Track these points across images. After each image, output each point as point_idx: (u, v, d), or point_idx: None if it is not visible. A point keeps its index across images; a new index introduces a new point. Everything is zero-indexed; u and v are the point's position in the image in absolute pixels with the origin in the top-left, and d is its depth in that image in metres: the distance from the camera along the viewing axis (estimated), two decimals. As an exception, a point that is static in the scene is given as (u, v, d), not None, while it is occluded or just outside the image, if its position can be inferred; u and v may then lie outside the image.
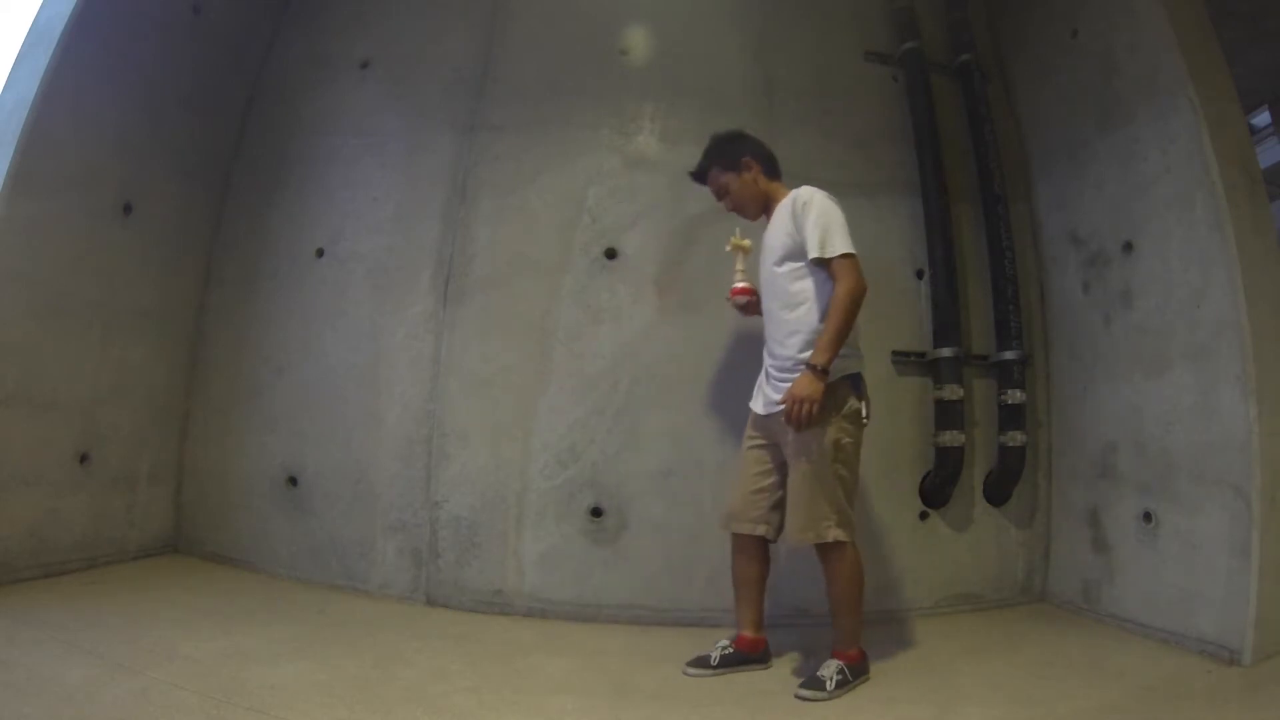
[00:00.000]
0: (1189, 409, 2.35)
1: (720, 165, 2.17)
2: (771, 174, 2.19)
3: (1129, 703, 1.85)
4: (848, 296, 1.91)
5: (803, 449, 1.93)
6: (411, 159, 2.94)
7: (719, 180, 2.18)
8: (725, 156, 2.16)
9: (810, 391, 1.87)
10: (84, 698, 1.57)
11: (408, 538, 2.64)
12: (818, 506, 1.91)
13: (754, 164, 2.15)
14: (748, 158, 2.15)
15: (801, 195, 2.03)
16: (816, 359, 1.88)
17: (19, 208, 2.42)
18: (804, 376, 1.89)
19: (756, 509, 2.06)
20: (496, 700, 1.75)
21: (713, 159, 2.19)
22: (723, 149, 2.18)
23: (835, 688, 1.84)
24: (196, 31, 3.06)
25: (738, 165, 2.15)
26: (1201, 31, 2.52)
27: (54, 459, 2.56)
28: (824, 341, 1.89)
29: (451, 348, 2.72)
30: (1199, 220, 2.34)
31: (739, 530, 2.09)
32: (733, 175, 2.15)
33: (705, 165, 2.20)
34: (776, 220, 2.11)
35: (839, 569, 1.95)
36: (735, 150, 2.17)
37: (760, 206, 2.19)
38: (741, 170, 2.15)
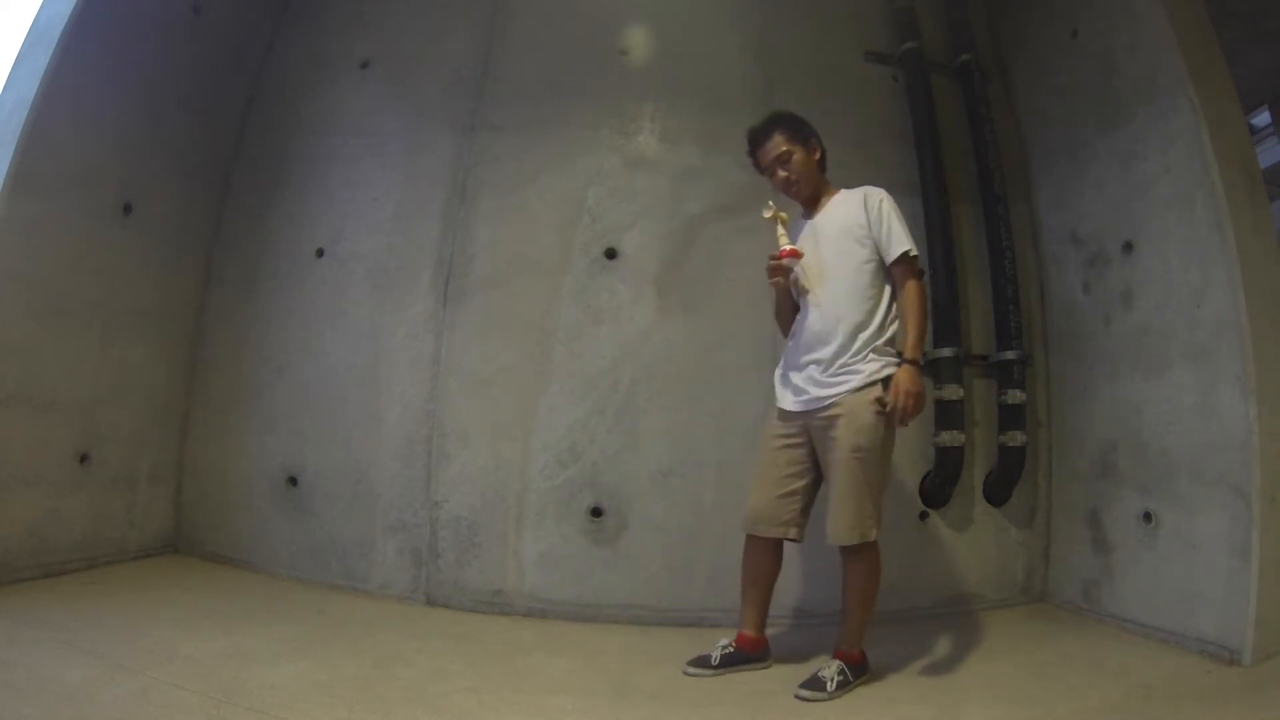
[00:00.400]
0: (1189, 409, 2.35)
1: (789, 133, 2.10)
2: (824, 167, 2.18)
3: (1129, 703, 1.85)
4: (921, 293, 1.98)
5: (854, 447, 1.90)
6: (411, 159, 2.94)
7: (782, 147, 2.08)
8: (796, 128, 2.11)
9: (919, 386, 1.90)
10: (84, 698, 1.57)
11: (408, 538, 2.64)
12: (865, 505, 1.91)
13: (819, 149, 2.14)
14: (816, 141, 2.13)
15: (874, 193, 2.05)
16: (913, 354, 1.92)
17: (19, 208, 2.42)
18: (906, 371, 1.90)
19: (787, 511, 2.02)
20: (496, 700, 1.75)
21: (783, 124, 2.11)
22: (793, 120, 2.13)
23: (836, 688, 1.84)
24: (196, 31, 3.06)
25: (808, 141, 2.11)
26: (1201, 31, 2.52)
27: (54, 459, 2.56)
28: (914, 338, 1.93)
29: (451, 348, 2.72)
30: (1199, 220, 2.34)
31: (766, 534, 2.04)
32: (800, 147, 2.09)
33: (771, 127, 2.11)
34: (842, 211, 2.07)
35: (866, 568, 1.96)
36: (807, 128, 2.13)
37: (813, 187, 2.13)
38: (807, 148, 2.11)
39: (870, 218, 2.01)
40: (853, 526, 1.91)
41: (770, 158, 2.11)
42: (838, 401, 1.93)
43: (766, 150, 2.11)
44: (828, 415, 1.94)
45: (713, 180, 2.80)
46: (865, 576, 1.97)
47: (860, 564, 1.96)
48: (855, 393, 1.92)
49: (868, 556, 1.96)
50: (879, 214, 2.01)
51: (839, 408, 1.93)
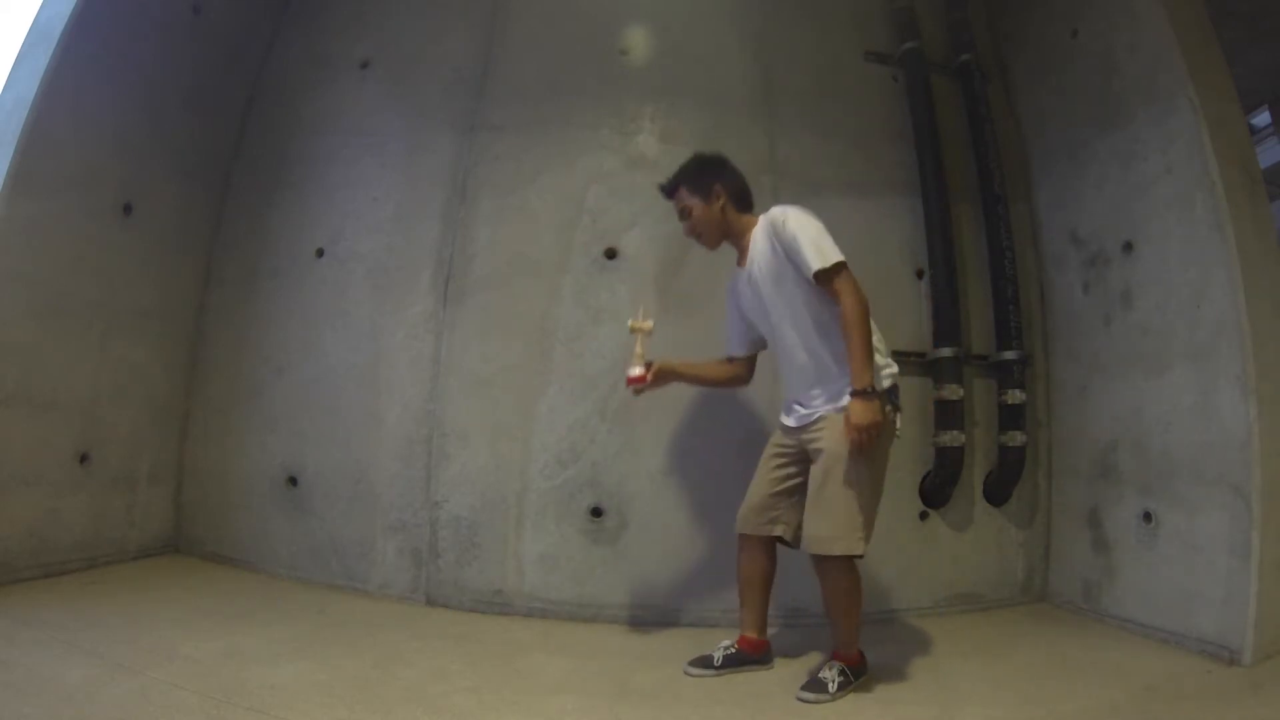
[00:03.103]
0: (1189, 409, 2.35)
1: (689, 187, 2.09)
2: (742, 207, 2.11)
3: (1129, 703, 1.84)
4: (857, 309, 1.85)
5: (838, 460, 1.86)
6: (411, 159, 2.94)
7: (684, 201, 2.10)
8: (696, 180, 2.09)
9: (871, 417, 1.82)
10: (84, 698, 1.57)
11: (408, 538, 2.64)
12: (842, 516, 1.85)
13: (723, 194, 2.07)
14: (718, 186, 2.07)
15: (775, 218, 1.97)
16: (859, 382, 1.83)
17: (19, 208, 2.42)
18: (857, 403, 1.82)
19: (774, 510, 2.03)
20: (496, 700, 1.75)
21: (683, 179, 2.11)
22: (695, 172, 2.10)
23: (837, 690, 1.84)
24: (196, 31, 3.06)
25: (707, 192, 2.07)
26: (1201, 31, 2.53)
27: (54, 459, 2.56)
28: (857, 363, 1.83)
29: (451, 348, 2.72)
30: (1199, 220, 2.34)
31: (753, 532, 2.05)
32: (699, 201, 2.07)
33: (675, 183, 2.12)
34: (761, 252, 2.01)
35: (844, 582, 1.90)
36: (707, 176, 2.08)
37: (719, 238, 2.12)
38: (710, 198, 2.07)
39: (783, 246, 1.94)
40: (828, 537, 1.84)
41: (677, 212, 2.14)
42: (825, 415, 1.93)
43: (675, 206, 2.14)
44: (815, 429, 1.95)
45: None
46: (842, 590, 1.90)
47: (836, 577, 1.89)
48: (839, 407, 1.91)
49: (844, 571, 1.87)
50: (786, 239, 1.92)
51: (824, 420, 1.93)
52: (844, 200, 2.90)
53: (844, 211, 2.87)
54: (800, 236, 1.90)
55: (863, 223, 2.90)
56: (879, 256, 2.89)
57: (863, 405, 1.82)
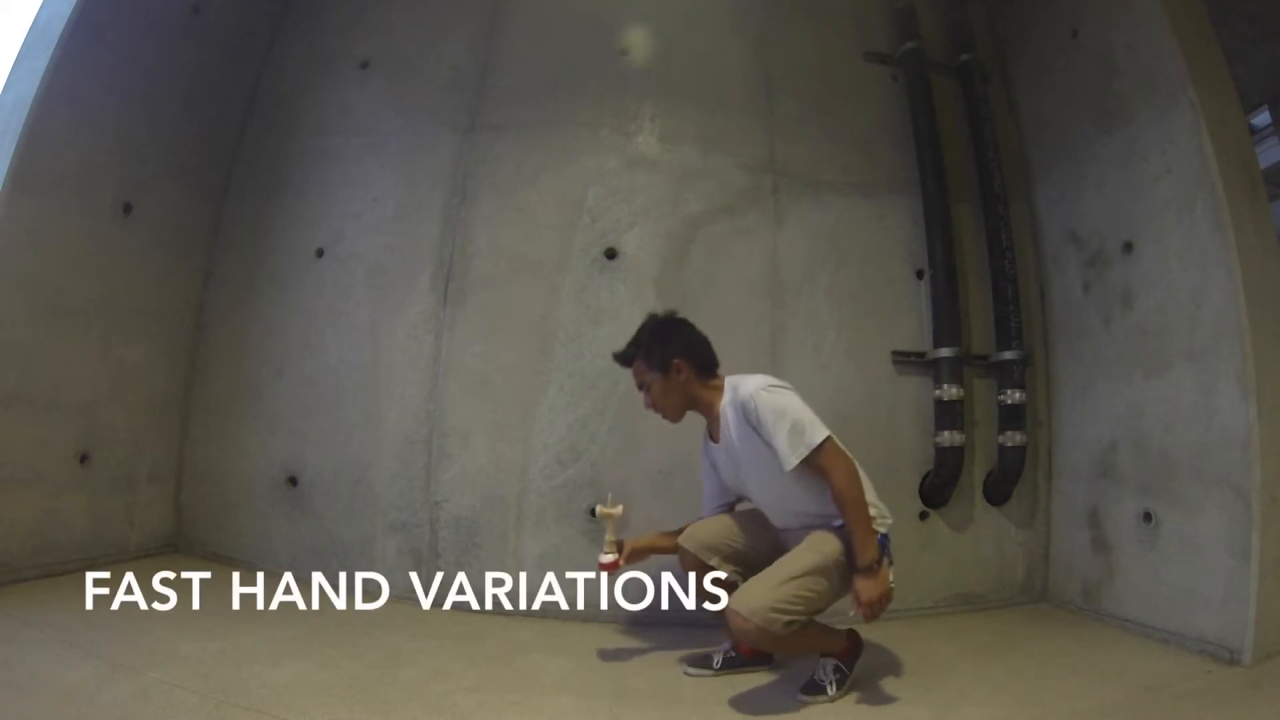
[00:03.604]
0: (1189, 409, 2.35)
1: (646, 360, 1.99)
2: (705, 372, 2.01)
3: (1129, 703, 1.84)
4: (849, 490, 1.79)
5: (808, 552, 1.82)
6: (411, 159, 2.94)
7: (643, 375, 2.01)
8: (653, 353, 1.98)
9: (880, 591, 1.76)
10: (84, 698, 1.57)
11: (408, 538, 2.64)
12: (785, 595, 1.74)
13: (684, 366, 1.96)
14: (678, 360, 1.96)
15: (745, 401, 1.87)
16: (864, 560, 1.76)
17: (19, 208, 2.42)
18: (864, 581, 1.76)
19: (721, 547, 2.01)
20: (497, 700, 1.75)
21: (641, 350, 2.00)
22: (651, 347, 1.98)
23: (836, 689, 1.84)
24: (196, 31, 3.06)
25: (666, 367, 1.96)
26: (1201, 31, 2.53)
27: (54, 459, 2.56)
28: (860, 542, 1.77)
29: (451, 348, 2.72)
30: (1199, 220, 2.34)
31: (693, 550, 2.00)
32: (658, 375, 1.97)
33: (631, 353, 2.02)
34: (731, 429, 1.94)
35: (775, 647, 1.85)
36: (664, 351, 1.97)
37: (683, 410, 2.03)
38: (669, 372, 1.96)
39: (758, 431, 1.86)
40: (758, 608, 1.72)
41: (636, 383, 2.06)
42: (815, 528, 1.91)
43: (633, 375, 2.05)
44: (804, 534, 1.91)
45: (712, 180, 2.81)
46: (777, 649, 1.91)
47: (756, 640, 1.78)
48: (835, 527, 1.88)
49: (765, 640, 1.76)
50: (760, 426, 1.84)
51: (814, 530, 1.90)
52: (844, 200, 2.90)
53: (844, 211, 2.89)
54: (775, 426, 1.81)
55: (863, 223, 2.91)
56: (879, 256, 2.89)
57: (870, 583, 1.76)
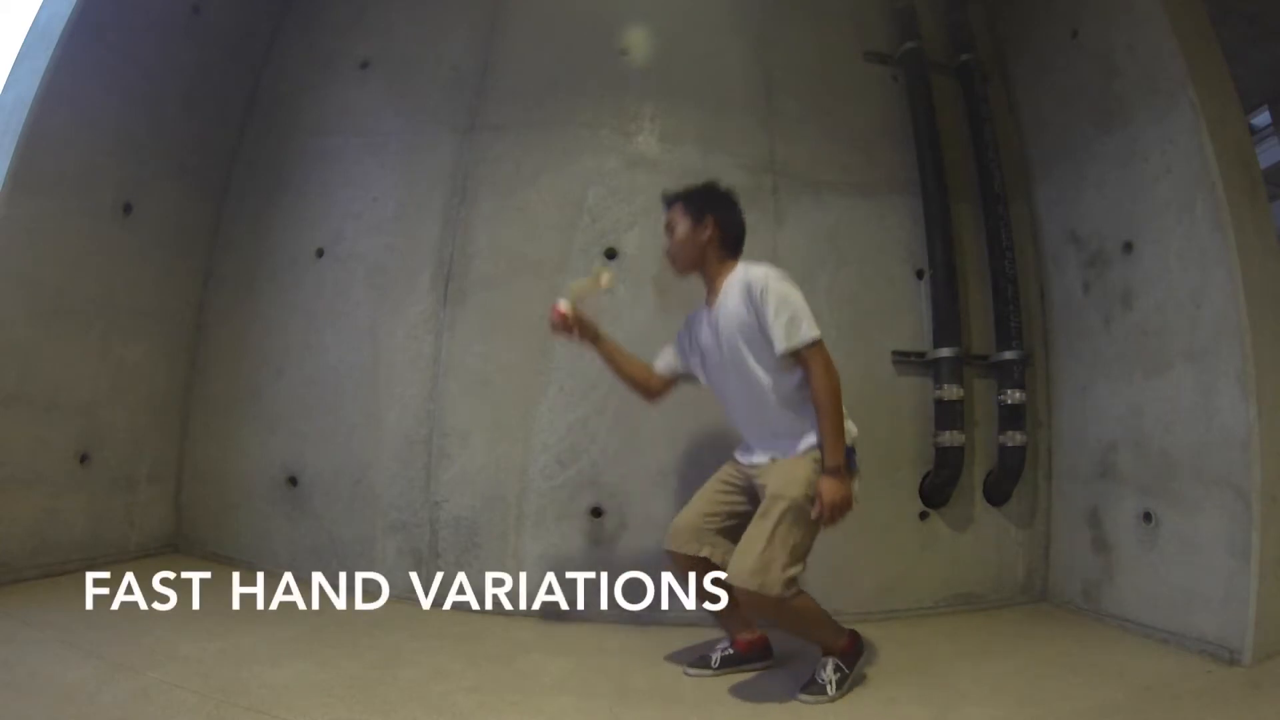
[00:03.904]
0: (1189, 409, 2.35)
1: (685, 206, 2.03)
2: (728, 250, 2.03)
3: (1129, 703, 1.84)
4: (829, 391, 1.82)
5: (776, 502, 1.82)
6: (411, 159, 2.94)
7: (674, 217, 2.04)
8: (694, 203, 2.02)
9: (842, 494, 1.80)
10: (84, 698, 1.57)
11: (408, 538, 2.64)
12: (771, 560, 1.76)
13: (712, 228, 1.99)
14: (711, 218, 2.00)
15: (756, 280, 1.88)
16: (830, 461, 1.80)
17: (19, 208, 2.42)
18: (828, 481, 1.80)
19: (703, 532, 1.99)
20: (497, 700, 1.75)
21: (684, 197, 2.05)
22: (697, 195, 2.04)
23: (836, 689, 1.84)
24: (196, 31, 3.06)
25: (699, 217, 2.00)
26: (1201, 31, 2.53)
27: (54, 459, 2.56)
28: (829, 443, 1.81)
29: (451, 348, 2.72)
30: (1199, 220, 2.34)
31: (678, 549, 1.98)
32: (687, 222, 2.00)
33: (676, 197, 2.07)
34: (729, 302, 1.95)
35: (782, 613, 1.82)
36: (705, 204, 2.02)
37: (691, 266, 2.04)
38: (696, 225, 2.00)
39: (757, 311, 1.87)
40: (752, 571, 1.76)
41: (665, 225, 2.08)
42: (775, 459, 1.92)
43: (665, 217, 2.08)
44: (766, 470, 1.93)
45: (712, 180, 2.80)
46: (787, 622, 1.87)
47: (763, 612, 1.83)
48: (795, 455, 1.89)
49: (770, 606, 1.79)
50: (763, 306, 1.85)
51: (775, 464, 1.91)
52: (844, 200, 2.90)
53: (844, 211, 2.89)
54: (777, 310, 1.84)
55: (863, 223, 2.91)
56: (879, 256, 2.89)
57: (834, 484, 1.80)
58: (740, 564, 1.79)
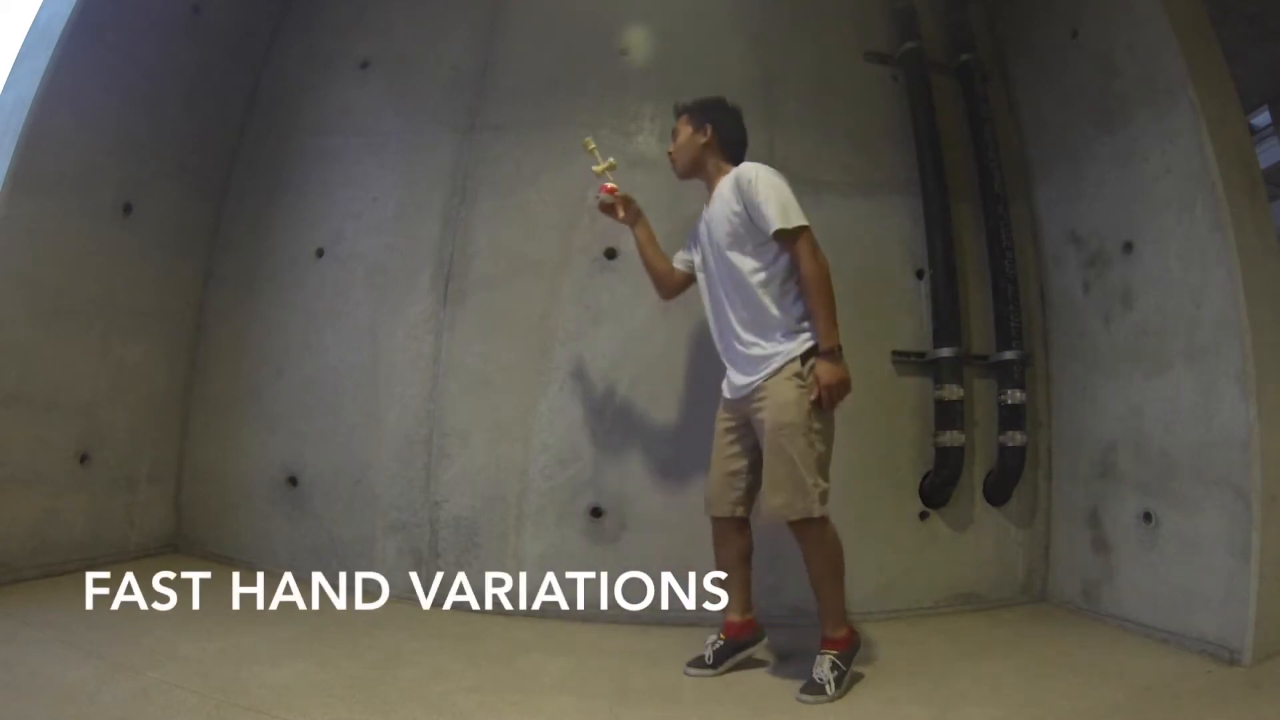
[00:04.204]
0: (1189, 409, 2.35)
1: (689, 113, 2.17)
2: (729, 156, 2.15)
3: (1129, 703, 1.84)
4: (820, 271, 1.91)
5: (780, 429, 1.88)
6: (411, 159, 2.94)
7: (679, 125, 2.19)
8: (697, 111, 2.16)
9: (840, 376, 1.89)
10: (84, 698, 1.57)
11: (408, 538, 2.64)
12: (799, 483, 1.85)
13: (710, 131, 2.13)
14: (711, 124, 2.13)
15: (745, 172, 1.99)
16: (826, 343, 1.89)
17: (19, 208, 2.42)
18: (824, 364, 1.88)
19: (734, 490, 2.06)
20: (497, 700, 1.75)
21: (690, 105, 2.19)
22: (703, 103, 2.18)
23: (835, 687, 1.84)
24: (196, 31, 3.06)
25: (700, 123, 2.14)
26: (1201, 31, 2.52)
27: (54, 459, 2.56)
28: (824, 325, 1.89)
29: (451, 348, 2.72)
30: (1199, 220, 2.34)
31: (719, 514, 2.08)
32: (689, 128, 2.15)
33: (685, 107, 2.20)
34: (722, 201, 2.05)
35: (820, 546, 1.91)
36: (707, 112, 2.16)
37: (690, 171, 2.18)
38: (697, 130, 2.13)
39: (745, 200, 1.97)
40: (786, 503, 1.86)
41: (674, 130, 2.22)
42: (760, 385, 1.95)
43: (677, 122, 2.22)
44: (755, 400, 1.96)
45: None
46: (819, 553, 1.91)
47: (811, 543, 1.91)
48: (776, 374, 1.93)
49: (815, 532, 1.89)
50: (750, 194, 1.95)
51: (762, 391, 1.94)
52: (844, 200, 2.90)
53: (844, 211, 2.89)
54: (768, 196, 1.93)
55: (863, 223, 2.90)
56: (879, 256, 2.89)
57: (829, 367, 1.88)
58: (775, 500, 1.88)
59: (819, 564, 1.93)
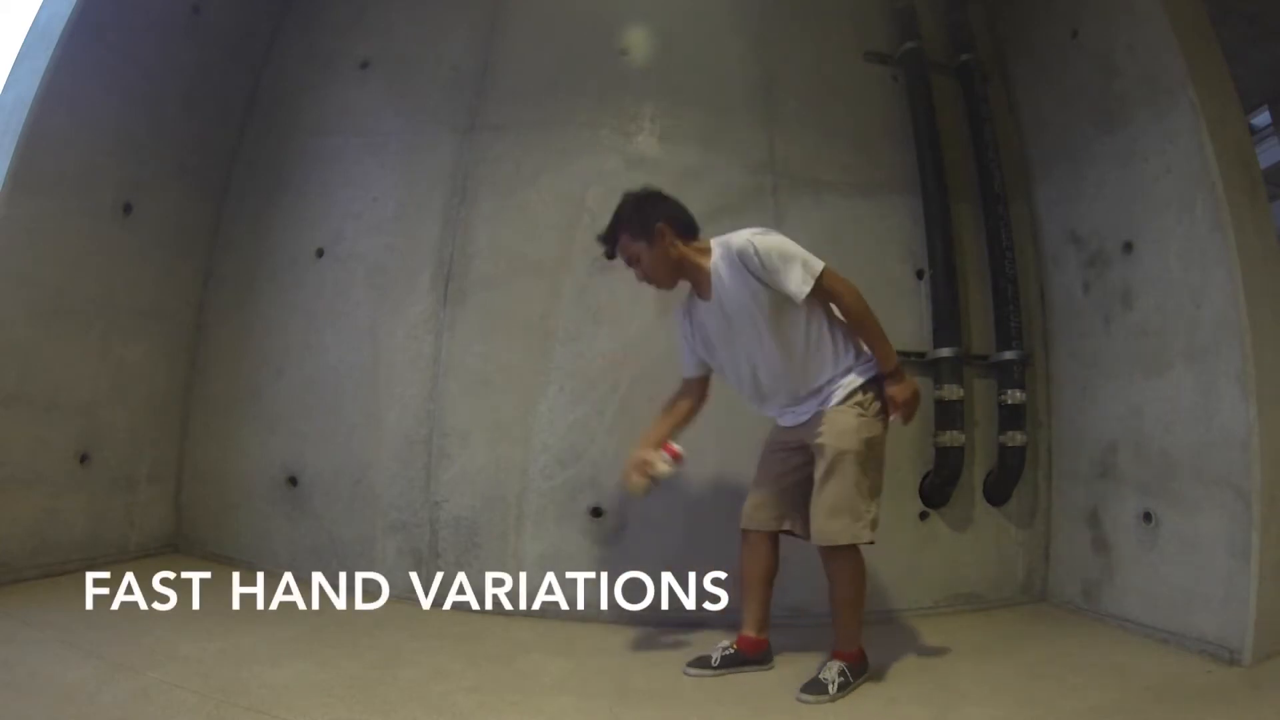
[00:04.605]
0: (1189, 409, 2.35)
1: (630, 233, 1.97)
2: (689, 234, 2.00)
3: (1129, 702, 1.84)
4: (858, 302, 1.91)
5: (839, 454, 1.89)
6: (411, 159, 2.94)
7: (629, 249, 1.99)
8: (635, 223, 1.96)
9: (913, 388, 1.93)
10: (84, 698, 1.57)
11: (408, 538, 2.64)
12: (855, 508, 1.88)
13: (668, 230, 1.95)
14: (661, 224, 1.95)
15: (743, 249, 1.87)
16: (890, 364, 1.93)
17: (19, 208, 2.42)
18: (894, 384, 1.92)
19: (784, 505, 2.05)
20: (497, 700, 1.75)
21: (621, 226, 1.99)
22: (632, 215, 1.98)
23: (838, 690, 1.84)
24: (196, 31, 3.06)
25: (650, 233, 1.94)
26: (1201, 31, 2.52)
27: (54, 459, 2.56)
28: (881, 349, 1.92)
29: (451, 348, 2.72)
30: (1199, 220, 2.34)
31: (761, 528, 2.06)
32: (644, 245, 1.96)
33: (613, 233, 2.00)
34: (723, 284, 1.93)
35: (850, 571, 1.93)
36: (647, 216, 1.96)
37: (675, 276, 2.02)
38: (654, 239, 1.95)
39: (762, 277, 1.87)
40: (845, 527, 1.88)
41: (624, 260, 2.04)
42: (822, 412, 1.96)
43: (620, 256, 2.03)
44: (816, 426, 1.96)
45: (712, 180, 2.80)
46: (847, 581, 1.93)
47: (839, 567, 1.93)
48: (839, 402, 1.94)
49: (846, 561, 1.92)
50: (766, 269, 1.86)
51: (823, 417, 1.95)
52: (844, 200, 2.90)
53: (844, 211, 2.89)
54: (778, 265, 1.85)
55: (863, 223, 2.90)
56: (879, 256, 2.89)
57: (900, 385, 1.92)
58: (830, 524, 1.89)
59: (844, 587, 1.94)
